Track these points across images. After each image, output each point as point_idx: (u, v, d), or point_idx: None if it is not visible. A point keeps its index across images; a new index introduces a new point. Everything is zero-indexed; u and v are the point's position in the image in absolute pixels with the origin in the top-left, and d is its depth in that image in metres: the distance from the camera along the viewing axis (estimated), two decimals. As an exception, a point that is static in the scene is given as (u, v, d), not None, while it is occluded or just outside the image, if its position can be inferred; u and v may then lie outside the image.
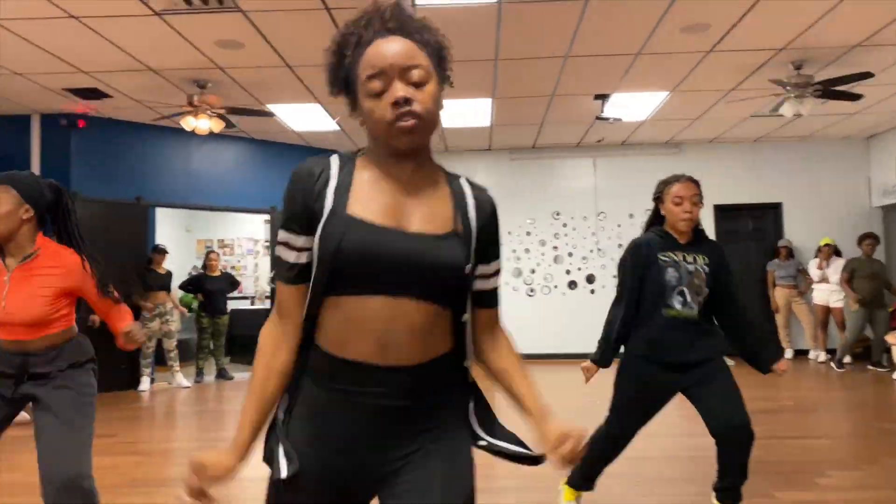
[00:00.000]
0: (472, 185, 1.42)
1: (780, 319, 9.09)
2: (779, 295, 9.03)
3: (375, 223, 1.25)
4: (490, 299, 1.41)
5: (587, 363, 2.97)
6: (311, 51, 5.62)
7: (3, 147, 7.35)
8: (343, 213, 1.26)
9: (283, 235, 1.31)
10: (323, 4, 4.77)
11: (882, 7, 4.97)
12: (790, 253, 9.08)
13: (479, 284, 1.38)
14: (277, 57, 5.79)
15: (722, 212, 9.56)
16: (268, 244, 11.61)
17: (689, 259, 2.84)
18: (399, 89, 1.24)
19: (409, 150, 1.29)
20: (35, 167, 7.41)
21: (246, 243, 12.26)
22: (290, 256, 1.30)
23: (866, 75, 5.85)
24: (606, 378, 3.06)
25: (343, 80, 1.32)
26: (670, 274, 2.80)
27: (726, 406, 2.75)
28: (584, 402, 3.51)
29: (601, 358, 2.93)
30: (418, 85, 1.26)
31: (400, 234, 1.25)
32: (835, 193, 9.40)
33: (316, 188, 1.29)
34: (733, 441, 2.76)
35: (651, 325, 2.82)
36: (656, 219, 2.99)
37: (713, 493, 2.91)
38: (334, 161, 1.34)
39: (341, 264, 1.21)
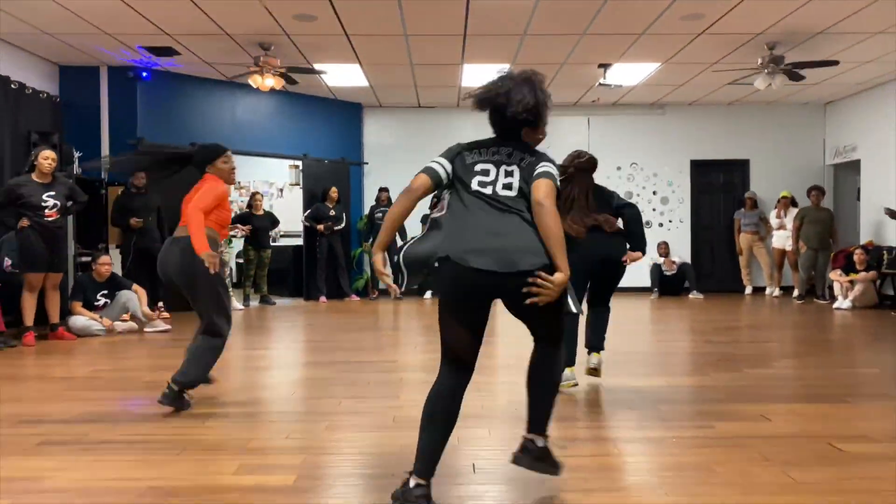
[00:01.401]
0: None
1: (742, 260, 10.58)
2: (743, 240, 10.49)
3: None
4: None
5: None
6: (369, 22, 6.66)
7: (75, 94, 8.23)
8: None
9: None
10: (396, -9, 5.83)
11: (842, 3, 6.20)
12: (754, 203, 10.51)
13: None
14: (340, 27, 6.81)
15: (698, 166, 10.92)
16: (289, 186, 12.60)
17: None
18: None
19: None
20: (104, 115, 8.34)
21: (261, 185, 13.24)
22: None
23: (832, 62, 7.13)
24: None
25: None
26: None
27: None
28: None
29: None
30: None
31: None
32: (795, 152, 10.80)
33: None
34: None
35: None
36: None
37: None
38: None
39: None
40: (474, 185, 2.37)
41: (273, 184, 13.26)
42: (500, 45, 7.45)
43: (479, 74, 8.79)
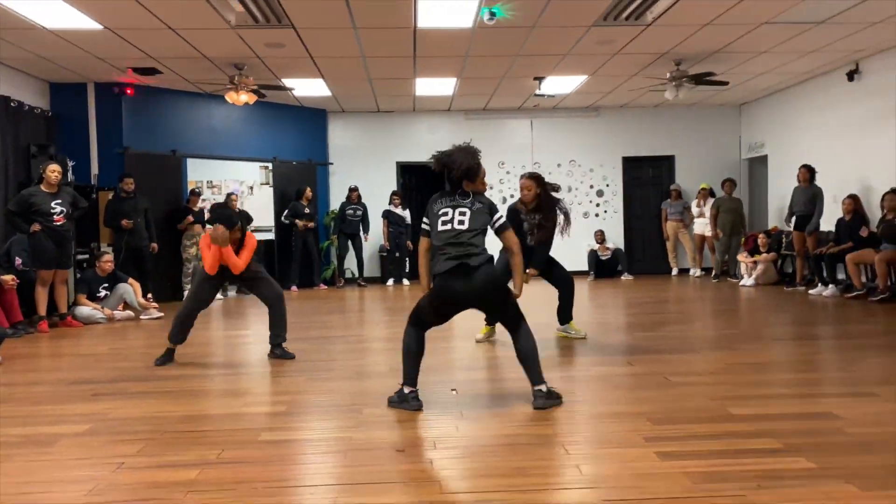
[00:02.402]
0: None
1: (669, 245, 11.92)
2: (669, 227, 11.82)
3: None
4: None
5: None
6: (331, 47, 7.72)
7: (66, 108, 9.13)
8: None
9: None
10: (352, 26, 6.90)
11: (727, 29, 7.46)
12: (679, 194, 11.84)
13: None
14: (306, 51, 7.86)
15: (629, 162, 12.22)
16: (259, 185, 13.55)
17: (533, 220, 5.44)
18: None
19: None
20: (92, 127, 9.25)
21: (233, 184, 14.17)
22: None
23: (723, 83, 8.45)
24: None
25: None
26: (524, 228, 5.44)
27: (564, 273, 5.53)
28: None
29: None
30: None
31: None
32: (714, 148, 12.15)
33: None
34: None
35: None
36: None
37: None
38: None
39: None
40: (439, 226, 3.61)
41: (244, 182, 14.21)
42: (446, 64, 8.58)
43: (431, 86, 9.93)
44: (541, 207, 5.42)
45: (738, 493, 2.41)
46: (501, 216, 3.72)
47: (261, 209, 12.48)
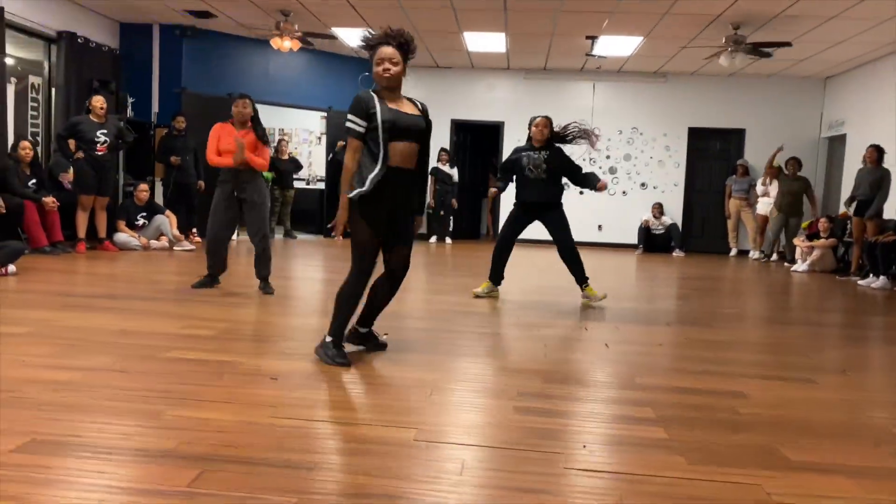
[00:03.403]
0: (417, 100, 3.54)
1: (730, 224, 11.29)
2: (732, 205, 11.18)
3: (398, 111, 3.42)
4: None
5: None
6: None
7: (133, 48, 9.67)
8: (385, 109, 3.39)
9: (352, 118, 3.32)
10: (380, -28, 6.89)
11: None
12: (746, 171, 11.15)
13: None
14: (344, -1, 7.93)
15: (695, 133, 11.60)
16: (322, 135, 13.91)
17: (535, 154, 5.37)
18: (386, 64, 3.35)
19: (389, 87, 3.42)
20: (155, 67, 9.76)
21: (302, 133, 14.60)
22: (358, 128, 3.38)
23: (785, 44, 7.79)
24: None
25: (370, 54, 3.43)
26: (523, 161, 5.38)
27: (561, 233, 5.38)
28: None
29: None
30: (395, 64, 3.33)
31: (404, 115, 3.40)
32: (790, 124, 11.31)
33: (369, 104, 3.37)
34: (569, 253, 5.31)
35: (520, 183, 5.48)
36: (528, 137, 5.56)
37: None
38: (371, 93, 3.44)
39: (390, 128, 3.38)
40: None
41: (312, 132, 14.60)
42: (487, 17, 8.40)
43: (481, 41, 9.77)
44: (548, 147, 5.47)
45: (558, 451, 2.32)
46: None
47: (321, 158, 12.86)
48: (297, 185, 12.80)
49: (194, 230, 9.02)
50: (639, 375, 3.37)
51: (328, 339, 3.39)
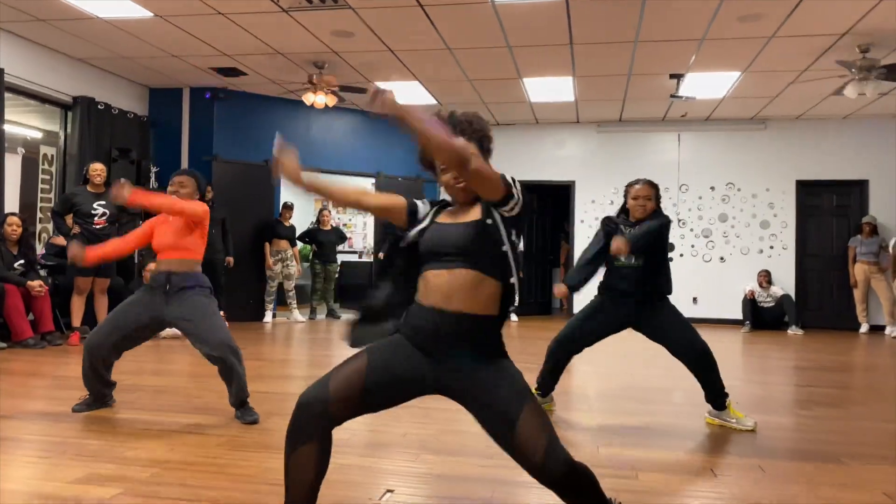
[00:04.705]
0: None
1: (857, 294, 9.31)
2: (858, 270, 9.23)
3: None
4: None
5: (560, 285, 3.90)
6: (409, 38, 6.59)
7: (161, 114, 8.87)
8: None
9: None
10: (417, 2, 5.71)
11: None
12: (874, 230, 9.23)
13: None
14: (381, 43, 6.80)
15: (805, 187, 9.80)
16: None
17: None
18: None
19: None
20: (185, 133, 8.90)
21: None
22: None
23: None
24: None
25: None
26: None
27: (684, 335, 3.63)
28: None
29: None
30: None
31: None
32: (926, 172, 9.39)
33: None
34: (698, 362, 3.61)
35: (607, 270, 3.86)
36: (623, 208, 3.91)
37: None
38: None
39: None
40: None
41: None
42: (549, 54, 7.09)
43: (545, 89, 8.47)
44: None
45: None
46: None
47: (371, 229, 11.70)
48: (349, 258, 11.67)
49: (222, 313, 7.84)
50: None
51: None
